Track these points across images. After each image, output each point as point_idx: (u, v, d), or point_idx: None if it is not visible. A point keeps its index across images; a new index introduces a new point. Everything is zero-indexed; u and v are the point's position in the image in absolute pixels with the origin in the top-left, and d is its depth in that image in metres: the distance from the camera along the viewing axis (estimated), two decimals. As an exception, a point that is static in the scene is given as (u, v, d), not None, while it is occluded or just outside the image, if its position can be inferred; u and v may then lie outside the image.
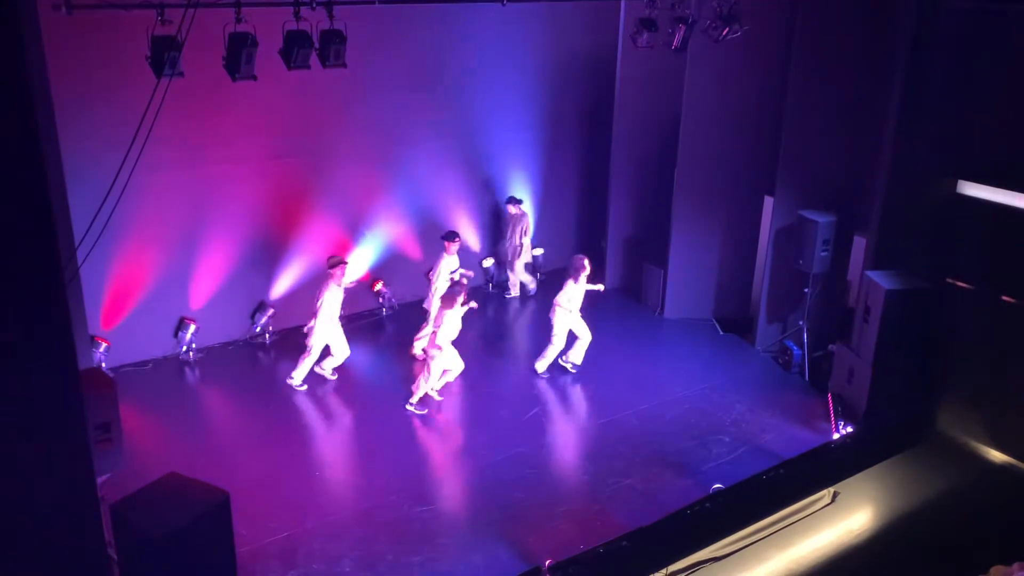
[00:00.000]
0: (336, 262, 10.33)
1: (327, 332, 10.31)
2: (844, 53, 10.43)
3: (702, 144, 11.71)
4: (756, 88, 11.41)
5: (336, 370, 10.69)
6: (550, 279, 13.30)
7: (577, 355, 10.99)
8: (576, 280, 10.61)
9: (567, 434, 9.96)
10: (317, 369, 10.57)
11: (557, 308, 10.71)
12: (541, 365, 10.97)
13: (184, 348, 10.95)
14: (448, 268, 11.23)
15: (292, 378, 10.44)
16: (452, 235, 11.37)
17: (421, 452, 9.54)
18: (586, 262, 10.69)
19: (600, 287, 10.94)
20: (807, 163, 10.95)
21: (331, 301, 10.22)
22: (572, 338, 10.95)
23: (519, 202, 12.81)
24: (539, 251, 13.46)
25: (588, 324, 10.86)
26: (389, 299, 12.45)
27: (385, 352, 11.62)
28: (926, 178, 9.91)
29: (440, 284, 11.05)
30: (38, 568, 5.65)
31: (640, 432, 9.81)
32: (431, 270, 11.45)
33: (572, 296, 10.62)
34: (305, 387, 10.42)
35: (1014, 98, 9.30)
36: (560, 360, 11.02)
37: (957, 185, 9.94)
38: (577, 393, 10.79)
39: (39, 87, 7.24)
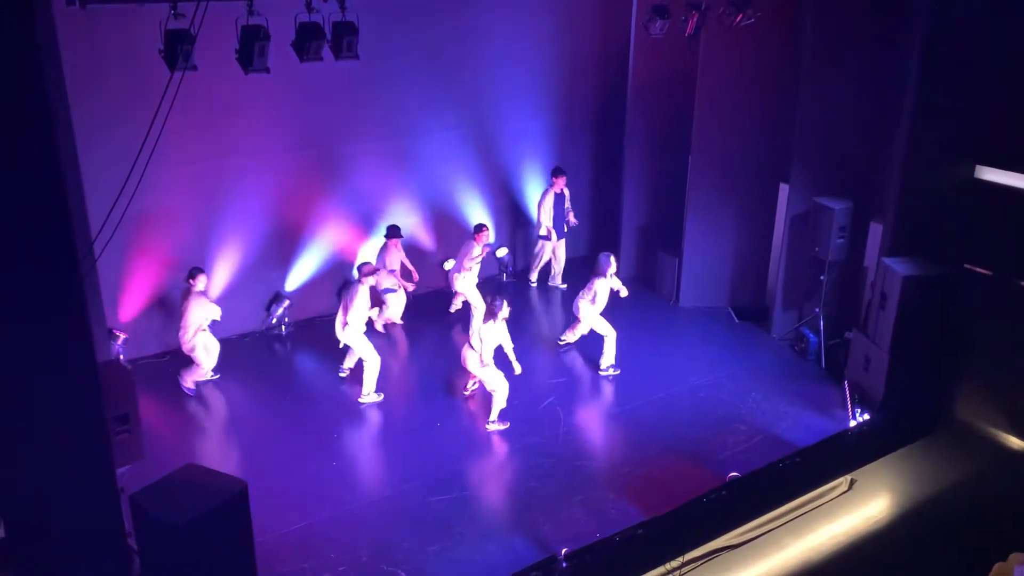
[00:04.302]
0: (372, 269, 10.23)
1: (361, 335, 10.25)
2: (859, 37, 10.33)
3: (716, 131, 11.64)
4: (770, 74, 11.32)
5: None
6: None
7: (609, 356, 10.85)
8: (605, 275, 10.63)
9: (582, 423, 9.96)
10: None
11: (581, 302, 10.76)
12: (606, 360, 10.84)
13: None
14: (477, 255, 11.62)
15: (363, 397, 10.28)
16: (480, 227, 11.71)
17: (437, 442, 9.57)
18: (612, 259, 10.72)
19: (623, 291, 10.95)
20: (822, 149, 10.87)
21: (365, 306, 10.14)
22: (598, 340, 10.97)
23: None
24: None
25: (604, 313, 10.86)
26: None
27: (400, 343, 11.65)
28: (943, 163, 9.82)
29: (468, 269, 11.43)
30: (61, 558, 5.73)
31: (655, 421, 9.81)
32: (445, 260, 11.54)
33: (599, 293, 10.65)
34: (381, 396, 10.29)
35: (1033, 81, 9.20)
36: (601, 372, 10.88)
37: (975, 170, 9.85)
38: (592, 382, 10.78)
39: (54, 82, 7.28)
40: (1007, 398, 9.93)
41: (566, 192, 12.77)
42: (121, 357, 10.15)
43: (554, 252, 13.16)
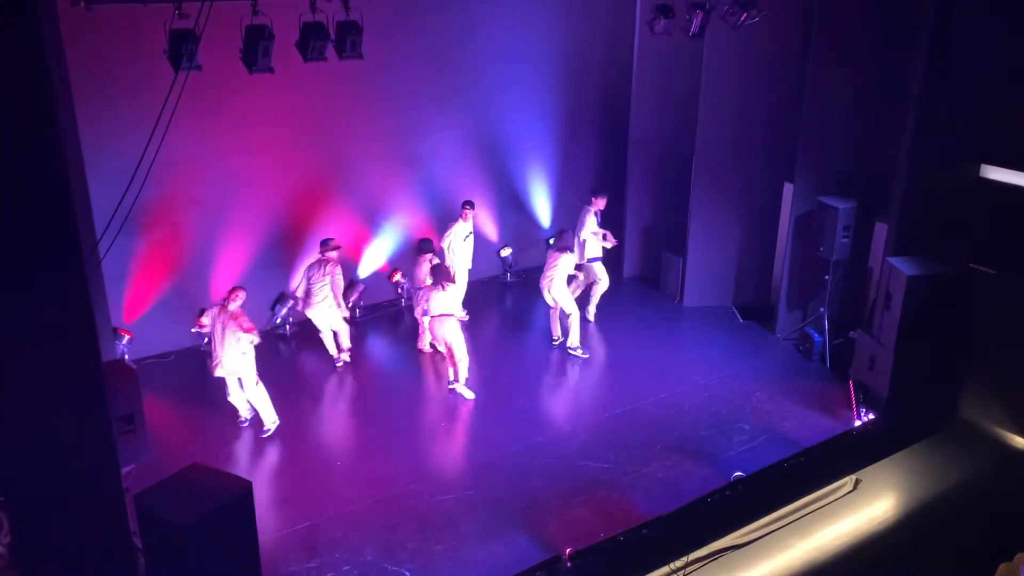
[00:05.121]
0: (337, 245, 10.67)
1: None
2: (864, 36, 10.32)
3: (720, 131, 11.63)
4: (775, 73, 11.31)
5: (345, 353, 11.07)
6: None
7: (574, 337, 11.21)
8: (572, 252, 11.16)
9: (586, 423, 9.95)
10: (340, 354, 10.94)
11: (552, 281, 11.01)
12: (573, 341, 11.11)
13: (205, 339, 11.03)
14: (462, 233, 11.66)
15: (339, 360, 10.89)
16: (469, 203, 11.79)
17: (441, 442, 9.58)
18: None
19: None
20: (827, 149, 10.85)
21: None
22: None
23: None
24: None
25: (607, 312, 10.86)
26: (408, 289, 12.48)
27: (404, 342, 11.65)
28: (948, 162, 9.80)
29: (456, 247, 11.56)
30: (67, 557, 5.74)
31: (659, 420, 9.80)
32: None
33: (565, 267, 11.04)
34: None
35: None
36: (570, 352, 11.12)
37: (980, 169, 9.83)
38: (596, 382, 10.78)
39: (59, 82, 7.30)
40: (1012, 398, 9.89)
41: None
42: (126, 357, 10.18)
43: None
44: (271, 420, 9.43)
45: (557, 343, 11.42)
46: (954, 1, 9.20)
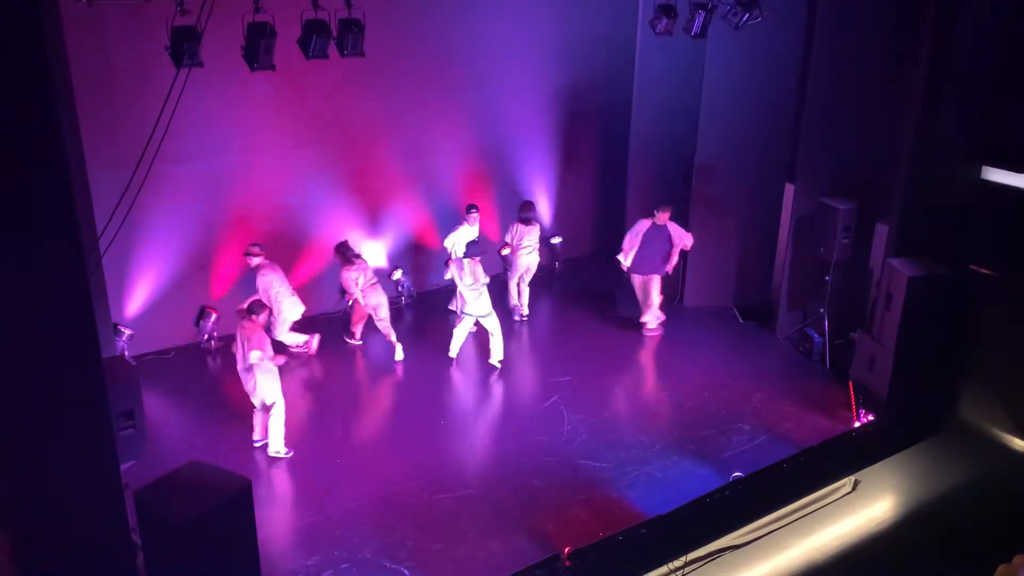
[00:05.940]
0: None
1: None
2: (867, 38, 10.30)
3: (722, 131, 11.62)
4: (777, 74, 11.30)
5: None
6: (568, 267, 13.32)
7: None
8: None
9: (585, 422, 9.95)
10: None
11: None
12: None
13: (205, 336, 11.04)
14: (467, 238, 11.53)
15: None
16: (474, 207, 11.74)
17: (441, 440, 9.57)
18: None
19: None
20: (829, 150, 10.85)
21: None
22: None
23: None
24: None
25: (606, 311, 10.83)
26: (408, 288, 12.48)
27: (404, 340, 11.62)
28: (950, 164, 9.80)
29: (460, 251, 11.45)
30: (65, 553, 5.74)
31: (659, 420, 9.81)
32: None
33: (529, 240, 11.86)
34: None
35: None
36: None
37: (980, 170, 9.83)
38: (595, 381, 10.77)
39: (59, 78, 7.30)
40: (1012, 399, 9.90)
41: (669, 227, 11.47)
42: (126, 353, 10.17)
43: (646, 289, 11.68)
44: (275, 448, 9.08)
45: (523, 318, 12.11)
46: (955, 2, 9.20)
